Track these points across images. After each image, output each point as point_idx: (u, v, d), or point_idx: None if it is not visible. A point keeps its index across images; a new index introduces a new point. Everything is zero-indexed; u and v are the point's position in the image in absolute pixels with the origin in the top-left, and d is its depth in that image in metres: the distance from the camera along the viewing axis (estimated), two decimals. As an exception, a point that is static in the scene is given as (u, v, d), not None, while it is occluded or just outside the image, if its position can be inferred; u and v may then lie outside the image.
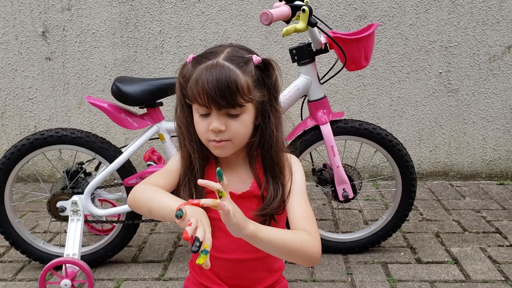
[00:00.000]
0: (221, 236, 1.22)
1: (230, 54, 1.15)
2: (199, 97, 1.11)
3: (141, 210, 1.17)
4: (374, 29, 2.02)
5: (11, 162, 2.05)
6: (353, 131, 2.14)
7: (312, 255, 1.12)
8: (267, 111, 1.19)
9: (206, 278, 1.29)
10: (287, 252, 1.09)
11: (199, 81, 1.11)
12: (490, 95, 3.17)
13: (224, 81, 1.09)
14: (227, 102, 1.10)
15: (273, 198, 1.18)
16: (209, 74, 1.10)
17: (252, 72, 1.15)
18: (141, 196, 1.17)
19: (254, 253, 1.23)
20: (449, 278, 2.05)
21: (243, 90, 1.11)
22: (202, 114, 1.14)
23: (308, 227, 1.15)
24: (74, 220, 2.03)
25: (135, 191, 1.20)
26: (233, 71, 1.11)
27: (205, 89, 1.09)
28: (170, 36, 3.15)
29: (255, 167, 1.22)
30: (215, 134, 1.13)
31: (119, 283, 2.05)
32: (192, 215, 0.96)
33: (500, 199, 2.93)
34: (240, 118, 1.14)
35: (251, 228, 1.03)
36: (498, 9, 3.06)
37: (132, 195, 1.20)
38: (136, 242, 2.41)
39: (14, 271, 2.17)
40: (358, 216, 2.68)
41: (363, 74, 3.16)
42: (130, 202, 1.20)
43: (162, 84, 2.01)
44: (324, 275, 2.08)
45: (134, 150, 2.06)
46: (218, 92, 1.09)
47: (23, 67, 3.22)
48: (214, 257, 1.24)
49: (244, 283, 1.27)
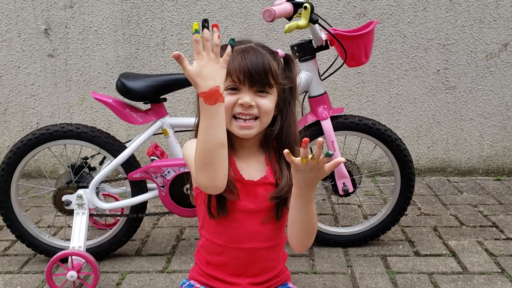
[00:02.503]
0: (236, 227, 1.27)
1: (260, 44, 1.25)
2: (234, 73, 1.17)
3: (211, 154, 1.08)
4: (373, 27, 2.06)
5: (17, 157, 2.08)
6: (353, 127, 2.18)
7: (314, 235, 1.24)
8: (287, 101, 1.26)
9: (212, 269, 1.33)
10: (314, 223, 1.20)
11: (235, 59, 1.18)
12: (487, 92, 3.22)
13: (260, 60, 1.18)
14: (261, 79, 1.18)
15: (286, 183, 1.24)
16: (246, 54, 1.18)
17: (279, 62, 1.25)
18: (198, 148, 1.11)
19: (266, 241, 1.29)
20: (447, 270, 2.09)
21: (275, 72, 1.20)
22: (231, 88, 1.19)
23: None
24: (79, 213, 2.07)
25: (196, 168, 1.12)
26: (266, 55, 1.21)
27: (242, 65, 1.17)
28: (172, 34, 3.19)
29: (271, 155, 1.28)
30: (244, 109, 1.19)
31: (124, 276, 2.09)
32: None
33: (496, 194, 2.98)
34: (268, 98, 1.21)
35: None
36: (495, 7, 3.10)
37: (198, 175, 1.12)
38: (139, 236, 2.45)
39: (19, 264, 2.20)
40: (357, 211, 2.72)
41: (362, 71, 3.21)
42: (204, 177, 1.11)
43: (167, 80, 2.05)
44: (324, 267, 2.13)
45: (139, 145, 2.09)
46: (255, 68, 1.17)
47: (25, 64, 3.25)
48: (228, 247, 1.29)
49: (255, 271, 1.32)
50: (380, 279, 2.03)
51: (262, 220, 1.27)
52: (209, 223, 1.30)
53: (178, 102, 3.25)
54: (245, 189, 1.25)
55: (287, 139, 1.26)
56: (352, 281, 2.02)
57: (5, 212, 2.12)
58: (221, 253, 1.30)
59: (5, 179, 2.09)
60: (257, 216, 1.27)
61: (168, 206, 2.12)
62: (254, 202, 1.25)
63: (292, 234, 1.22)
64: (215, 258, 1.32)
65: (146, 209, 2.21)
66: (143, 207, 2.19)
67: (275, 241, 1.31)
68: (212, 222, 1.29)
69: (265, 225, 1.28)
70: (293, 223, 1.19)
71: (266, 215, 1.27)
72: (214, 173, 1.09)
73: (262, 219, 1.27)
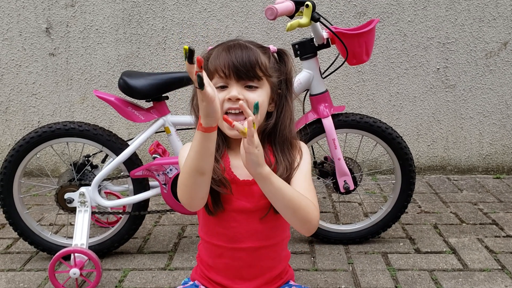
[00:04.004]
0: (234, 227, 1.26)
1: (249, 40, 1.24)
2: (220, 67, 1.16)
3: (192, 185, 1.11)
4: (374, 25, 2.07)
5: (19, 155, 2.09)
6: (354, 125, 2.19)
7: (311, 220, 1.15)
8: (284, 95, 1.25)
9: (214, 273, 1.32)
10: (292, 207, 1.13)
11: (221, 55, 1.18)
12: (487, 91, 3.23)
13: (246, 54, 1.17)
14: (247, 71, 1.16)
15: (282, 177, 1.21)
16: (232, 49, 1.18)
17: (270, 56, 1.24)
18: (181, 179, 1.13)
19: (265, 240, 1.28)
20: (448, 267, 2.11)
21: (262, 64, 1.18)
22: (220, 86, 1.19)
23: (311, 198, 1.19)
24: (82, 211, 2.08)
25: (178, 184, 1.16)
26: (254, 49, 1.20)
27: (227, 60, 1.16)
28: (173, 33, 3.20)
29: (266, 149, 1.26)
30: (232, 103, 1.17)
31: (126, 273, 2.10)
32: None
33: (496, 192, 2.99)
34: (257, 92, 1.19)
35: (267, 169, 1.08)
36: (494, 6, 3.12)
37: (178, 190, 1.16)
38: (141, 234, 2.46)
39: (22, 262, 2.21)
40: (358, 209, 2.73)
41: (363, 70, 3.22)
42: (180, 195, 1.15)
43: (168, 78, 2.06)
44: (326, 264, 2.14)
45: (141, 143, 2.10)
46: (240, 62, 1.16)
47: (27, 63, 3.26)
48: (226, 248, 1.28)
49: (256, 271, 1.30)
50: (381, 276, 2.04)
51: (260, 217, 1.25)
52: (208, 225, 1.30)
53: (179, 101, 3.26)
54: (241, 189, 1.24)
55: (282, 132, 1.25)
56: (353, 278, 2.03)
57: (7, 210, 2.13)
58: (221, 255, 1.29)
59: (8, 177, 2.10)
60: (255, 214, 1.25)
61: (170, 204, 2.13)
62: (251, 201, 1.24)
63: (284, 218, 1.19)
64: (216, 261, 1.31)
65: (148, 206, 2.22)
66: (145, 205, 2.20)
67: (276, 240, 1.30)
68: (211, 223, 1.28)
69: (265, 223, 1.26)
70: (275, 207, 1.18)
71: (264, 212, 1.25)
72: (190, 199, 1.14)
73: (261, 217, 1.25)
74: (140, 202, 2.17)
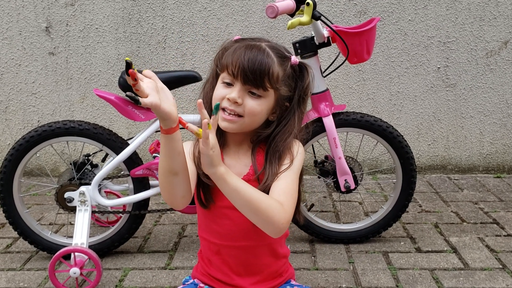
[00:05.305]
0: (227, 224, 1.26)
1: (273, 45, 1.21)
2: (231, 64, 1.15)
3: (169, 186, 1.12)
4: (375, 23, 2.07)
5: (19, 154, 2.08)
6: (355, 123, 2.19)
7: (274, 222, 1.11)
8: (293, 110, 1.23)
9: (214, 270, 1.33)
10: (250, 208, 1.10)
11: (236, 52, 1.16)
12: (487, 90, 3.23)
13: (259, 60, 1.15)
14: (254, 79, 1.15)
15: (268, 180, 1.20)
16: (248, 50, 1.16)
17: (287, 68, 1.20)
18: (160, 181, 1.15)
19: (259, 239, 1.27)
20: (448, 266, 2.10)
21: (272, 76, 1.16)
22: (226, 82, 1.18)
23: (284, 199, 1.15)
24: (82, 210, 2.07)
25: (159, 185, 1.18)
26: (271, 57, 1.17)
27: (239, 60, 1.15)
28: (173, 32, 3.19)
29: (255, 154, 1.25)
30: (230, 104, 1.17)
31: (126, 272, 2.10)
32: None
33: (497, 191, 2.99)
34: (259, 100, 1.18)
35: (222, 169, 1.06)
36: (495, 5, 3.11)
37: (160, 191, 1.19)
38: (141, 233, 2.45)
39: (22, 261, 2.20)
40: (358, 208, 2.73)
41: (363, 69, 3.21)
42: (162, 196, 1.17)
43: (169, 77, 2.05)
44: (326, 263, 2.13)
45: (141, 142, 2.10)
46: (250, 66, 1.14)
47: (26, 62, 3.25)
48: (222, 245, 1.29)
49: (252, 269, 1.31)
50: (382, 275, 2.04)
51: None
52: (205, 222, 1.31)
53: (179, 100, 3.25)
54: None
55: (277, 143, 1.22)
56: (354, 277, 2.02)
57: (7, 209, 2.12)
58: (218, 252, 1.30)
59: (8, 176, 2.09)
60: None
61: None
62: None
63: (247, 218, 1.16)
64: (214, 257, 1.32)
65: (148, 206, 2.21)
66: (145, 204, 2.19)
67: (271, 238, 1.27)
68: (207, 220, 1.29)
69: None
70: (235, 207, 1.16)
71: None
72: (171, 198, 1.14)
73: None
74: (140, 201, 2.16)
